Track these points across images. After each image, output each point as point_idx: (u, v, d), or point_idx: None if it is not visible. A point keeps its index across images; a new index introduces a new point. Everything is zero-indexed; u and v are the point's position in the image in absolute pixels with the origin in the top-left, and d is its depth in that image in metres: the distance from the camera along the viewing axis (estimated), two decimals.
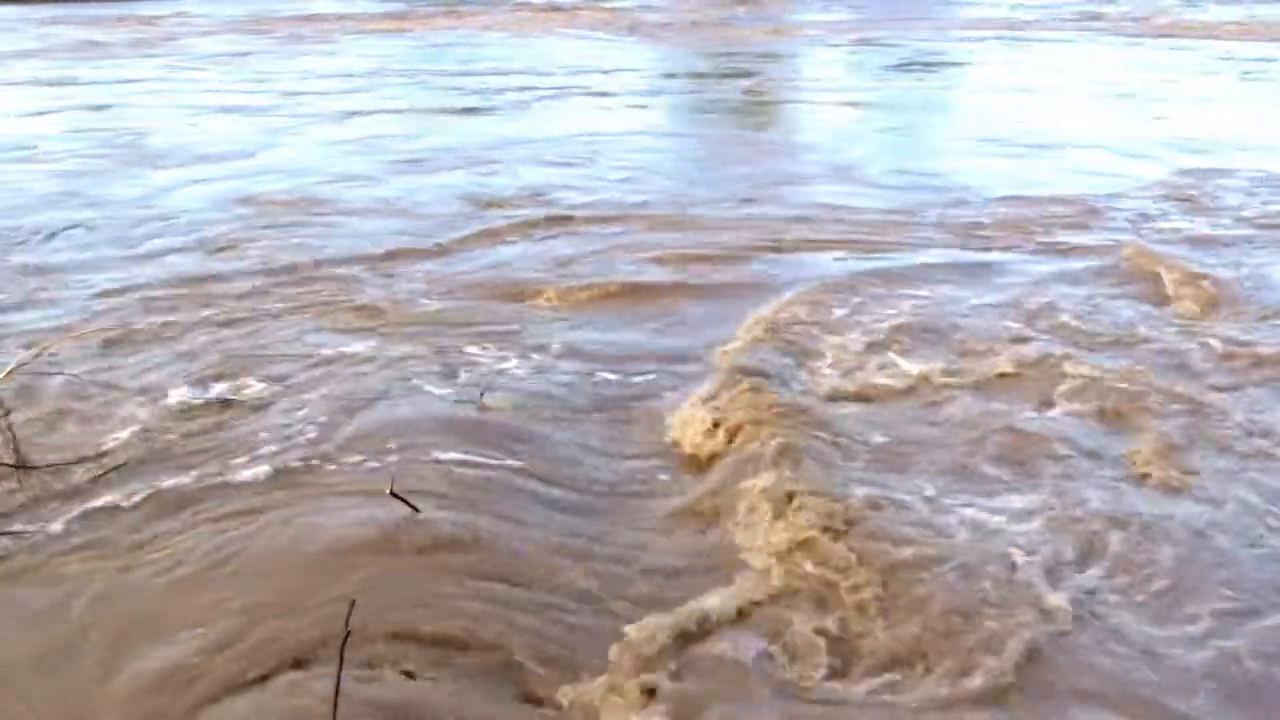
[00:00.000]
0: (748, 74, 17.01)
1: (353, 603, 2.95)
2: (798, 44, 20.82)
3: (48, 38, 23.60)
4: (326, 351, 5.65)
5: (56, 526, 3.90)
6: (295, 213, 8.78)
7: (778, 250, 7.61)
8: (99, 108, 14.18)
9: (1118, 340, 5.63)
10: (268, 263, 7.41)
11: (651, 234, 8.06)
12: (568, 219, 8.57)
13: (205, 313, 6.34)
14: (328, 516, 3.91)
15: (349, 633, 2.84)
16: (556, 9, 29.61)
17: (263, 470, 4.31)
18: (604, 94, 15.01)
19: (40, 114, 13.80)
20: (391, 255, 7.68)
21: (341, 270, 7.23)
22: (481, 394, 4.88)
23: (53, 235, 8.25)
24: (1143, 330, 5.77)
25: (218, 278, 7.07)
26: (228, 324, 6.17)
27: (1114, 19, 23.87)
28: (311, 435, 4.60)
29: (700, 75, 16.99)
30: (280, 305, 6.52)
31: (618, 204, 8.93)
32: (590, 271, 7.21)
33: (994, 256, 7.23)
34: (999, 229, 7.89)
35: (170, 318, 6.26)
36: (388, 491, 3.76)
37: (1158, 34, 20.48)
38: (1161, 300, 6.27)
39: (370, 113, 13.50)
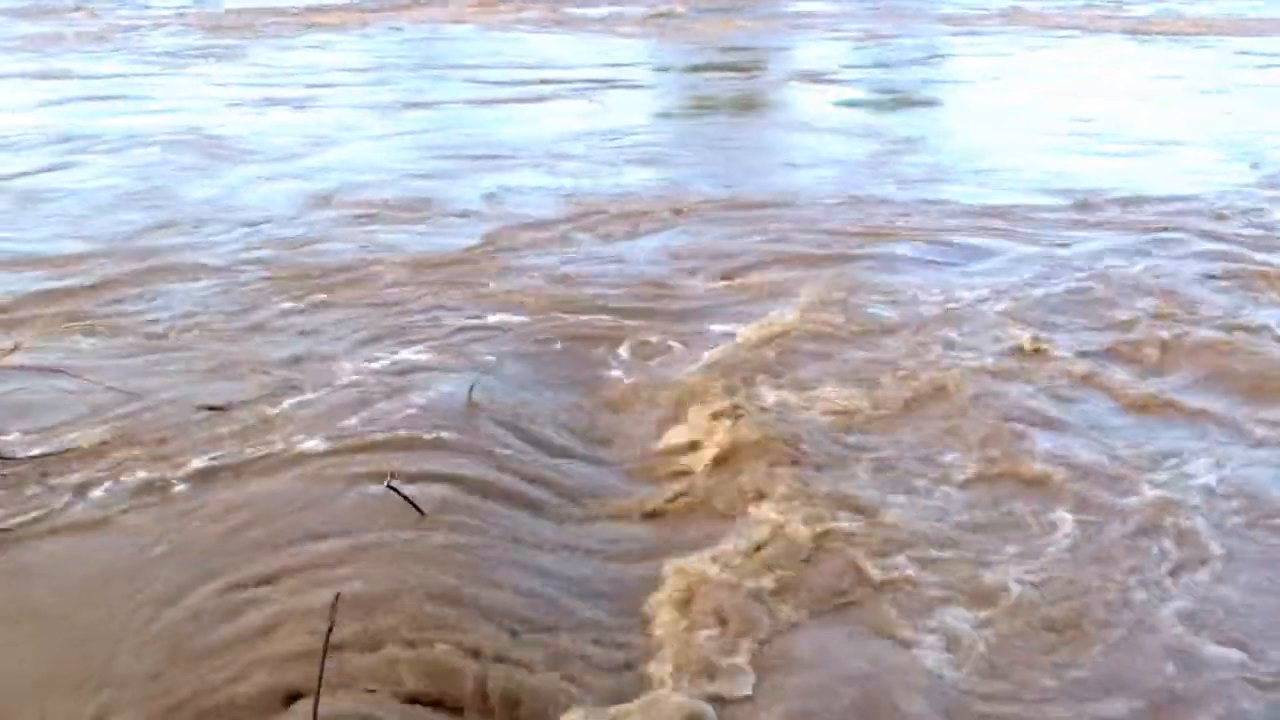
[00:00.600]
0: (760, 68, 17.06)
1: (337, 596, 2.91)
2: (775, 39, 20.88)
3: (2, 29, 22.51)
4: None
5: (32, 516, 3.90)
6: (394, 210, 8.54)
7: (911, 240, 7.66)
8: (112, 99, 13.60)
9: None
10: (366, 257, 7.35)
11: (769, 224, 8.04)
12: (677, 212, 8.49)
13: (280, 305, 6.37)
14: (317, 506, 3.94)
15: (332, 626, 2.80)
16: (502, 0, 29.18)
17: (240, 461, 4.31)
18: (638, 87, 14.89)
19: (52, 105, 13.16)
20: (508, 247, 7.58)
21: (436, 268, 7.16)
22: (471, 389, 4.82)
23: (152, 232, 7.93)
24: None
25: (306, 275, 6.96)
26: (291, 320, 6.16)
27: (1067, 16, 24.43)
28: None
29: (713, 69, 16.91)
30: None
31: (721, 198, 8.86)
32: (714, 265, 7.18)
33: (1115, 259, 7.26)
34: (1119, 228, 7.94)
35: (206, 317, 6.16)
36: (385, 485, 3.70)
37: (1135, 32, 21.07)
38: None
39: (419, 105, 13.19)
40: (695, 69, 16.91)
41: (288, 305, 6.39)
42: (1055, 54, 17.90)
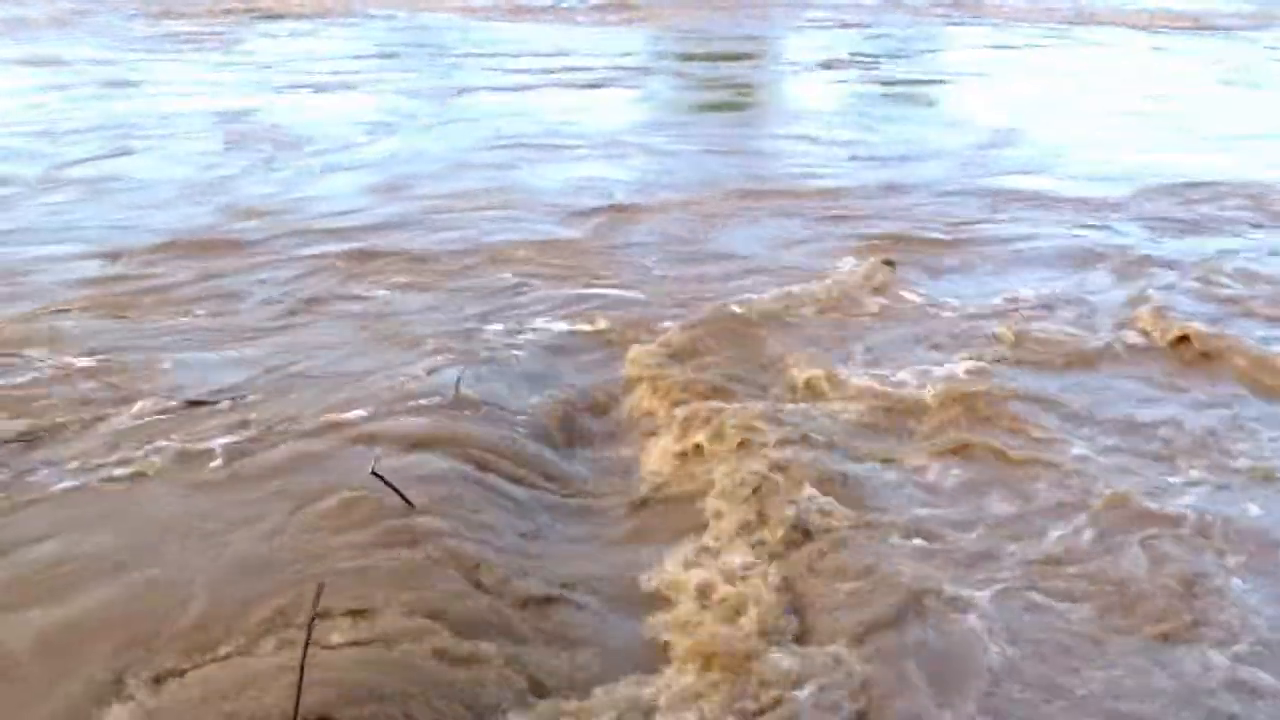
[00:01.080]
0: (767, 56, 17.07)
1: (320, 585, 2.89)
2: (757, 27, 20.89)
3: None
4: None
5: None
6: (472, 200, 8.34)
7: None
8: (125, 85, 13.13)
9: None
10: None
11: (869, 215, 7.94)
12: (768, 202, 8.38)
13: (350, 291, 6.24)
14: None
15: (315, 616, 2.80)
16: None
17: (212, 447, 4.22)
18: (659, 74, 14.79)
19: (62, 90, 12.65)
20: (607, 234, 7.48)
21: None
22: (458, 381, 4.67)
23: (220, 223, 7.67)
24: None
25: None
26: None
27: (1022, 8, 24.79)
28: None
29: (723, 57, 16.79)
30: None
31: (804, 190, 8.71)
32: (823, 249, 7.14)
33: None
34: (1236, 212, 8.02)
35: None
36: (370, 471, 3.60)
37: (1112, 24, 21.48)
38: None
39: (458, 92, 12.93)
40: (707, 58, 16.81)
41: (363, 291, 6.26)
42: (1057, 48, 18.08)
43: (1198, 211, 8.15)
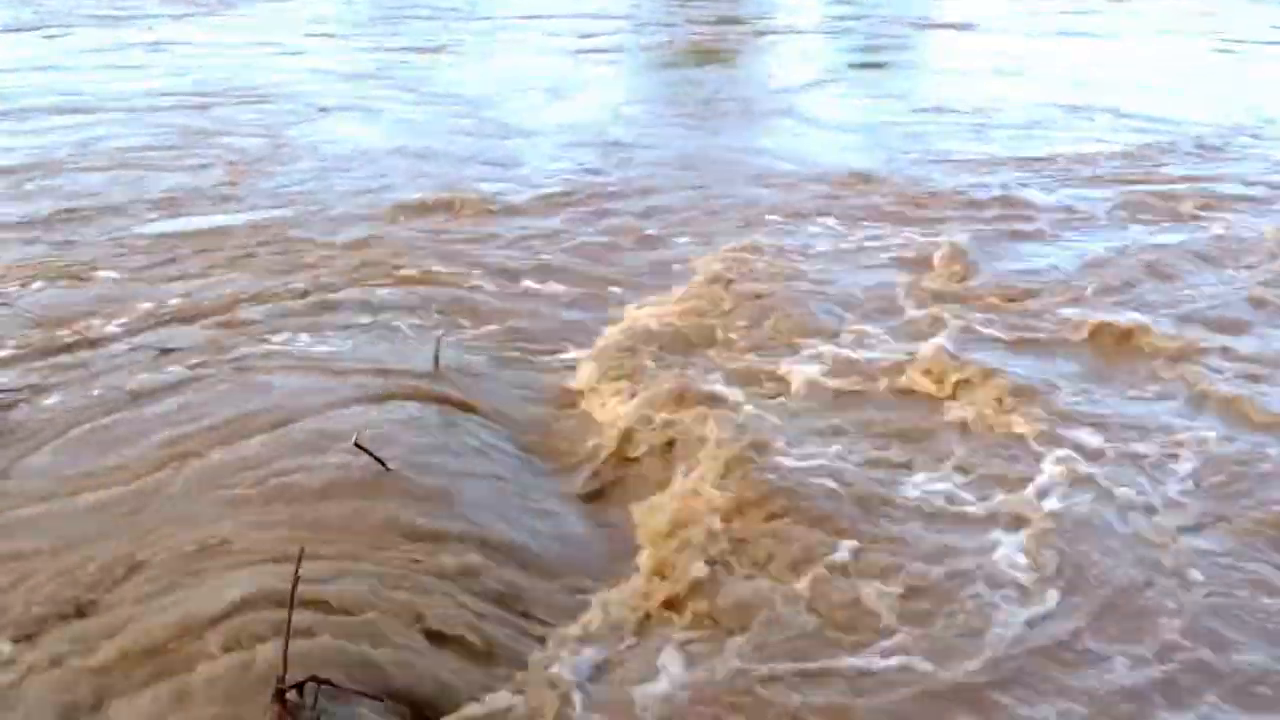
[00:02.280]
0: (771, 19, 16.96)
1: (301, 550, 2.91)
2: None
3: None
4: None
5: None
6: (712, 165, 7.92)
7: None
8: (169, 46, 12.06)
9: None
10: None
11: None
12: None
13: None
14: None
15: (298, 578, 2.78)
16: None
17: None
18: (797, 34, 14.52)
19: (121, 49, 11.51)
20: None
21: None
22: (436, 357, 4.47)
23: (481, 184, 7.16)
24: None
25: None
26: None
27: None
28: None
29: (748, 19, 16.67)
30: None
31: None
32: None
33: None
34: None
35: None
36: (353, 443, 3.58)
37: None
38: None
39: (583, 54, 12.46)
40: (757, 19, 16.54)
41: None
42: (1107, 15, 17.81)
43: None
